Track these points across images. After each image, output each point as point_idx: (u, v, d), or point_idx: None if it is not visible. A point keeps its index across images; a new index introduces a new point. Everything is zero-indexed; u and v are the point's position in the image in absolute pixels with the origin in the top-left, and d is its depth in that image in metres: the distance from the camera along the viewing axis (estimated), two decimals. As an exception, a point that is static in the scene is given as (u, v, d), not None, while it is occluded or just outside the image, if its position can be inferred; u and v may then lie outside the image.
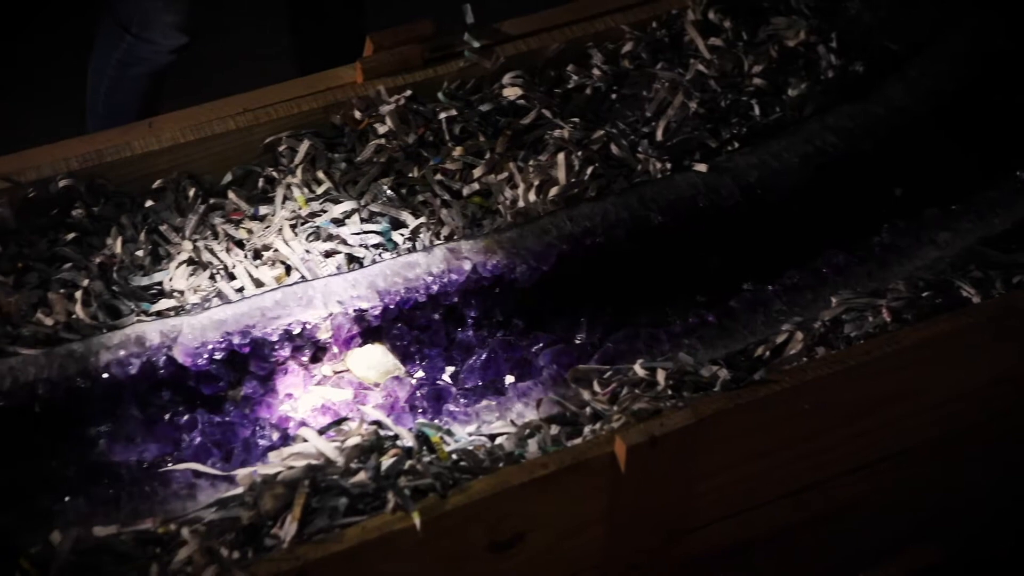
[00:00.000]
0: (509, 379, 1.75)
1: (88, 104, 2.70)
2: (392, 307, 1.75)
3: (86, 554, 1.47)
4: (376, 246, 1.82)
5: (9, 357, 1.63)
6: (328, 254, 1.80)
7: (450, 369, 1.77)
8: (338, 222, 1.84)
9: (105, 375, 1.64)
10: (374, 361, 1.74)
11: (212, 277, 1.77)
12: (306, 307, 1.72)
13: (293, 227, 1.82)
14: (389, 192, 1.89)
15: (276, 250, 1.80)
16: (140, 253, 1.79)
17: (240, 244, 1.82)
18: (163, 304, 1.73)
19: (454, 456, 1.56)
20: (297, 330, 1.71)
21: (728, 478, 1.67)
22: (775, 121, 1.98)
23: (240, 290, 1.76)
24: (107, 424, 1.64)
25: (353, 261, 1.80)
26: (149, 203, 1.85)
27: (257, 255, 1.81)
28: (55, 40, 3.27)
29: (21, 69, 3.26)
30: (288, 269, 1.79)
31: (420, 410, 1.70)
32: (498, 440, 1.62)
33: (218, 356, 1.67)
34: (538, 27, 2.07)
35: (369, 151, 1.93)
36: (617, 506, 1.59)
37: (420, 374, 1.76)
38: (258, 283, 1.77)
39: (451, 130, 1.96)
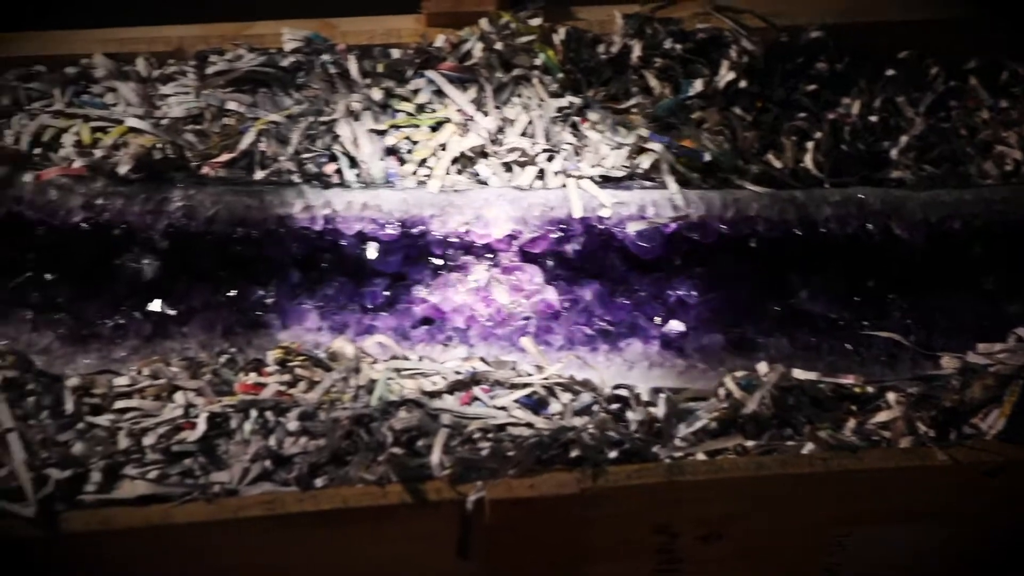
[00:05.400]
0: None
1: None
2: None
3: (785, 391, 1.51)
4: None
5: (737, 190, 1.67)
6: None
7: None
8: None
9: (823, 229, 1.65)
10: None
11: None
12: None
13: (1031, 126, 1.75)
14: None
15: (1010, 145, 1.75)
16: (873, 119, 1.78)
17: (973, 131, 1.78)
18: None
19: None
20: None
21: None
22: None
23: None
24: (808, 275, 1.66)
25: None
26: (889, 72, 1.83)
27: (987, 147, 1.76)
28: None
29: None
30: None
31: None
32: None
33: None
34: None
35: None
36: None
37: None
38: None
39: None
